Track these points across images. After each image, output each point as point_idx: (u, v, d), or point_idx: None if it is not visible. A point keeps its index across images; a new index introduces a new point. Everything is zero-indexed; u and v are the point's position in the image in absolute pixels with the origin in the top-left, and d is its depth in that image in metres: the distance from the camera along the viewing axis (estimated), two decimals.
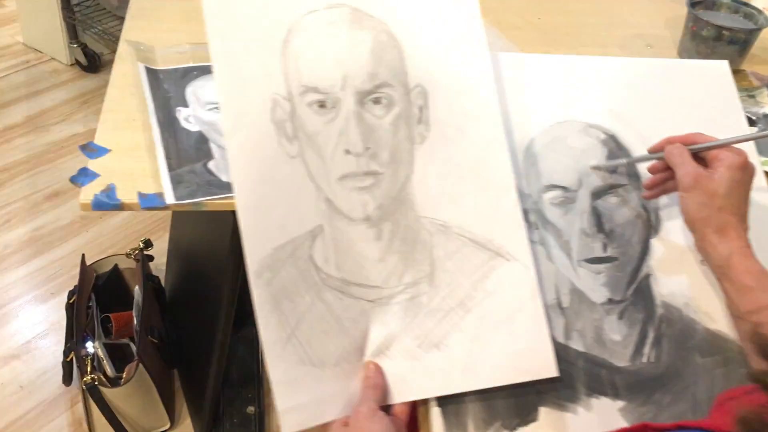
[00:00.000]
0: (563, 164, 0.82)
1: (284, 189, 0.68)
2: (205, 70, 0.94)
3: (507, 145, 0.74)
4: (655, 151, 0.76)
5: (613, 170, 0.82)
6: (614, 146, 0.84)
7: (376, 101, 0.72)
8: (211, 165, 0.82)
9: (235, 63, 0.69)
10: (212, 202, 0.78)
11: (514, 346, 0.69)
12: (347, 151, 0.70)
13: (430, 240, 0.72)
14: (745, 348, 0.69)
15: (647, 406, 0.72)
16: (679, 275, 0.78)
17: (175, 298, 1.55)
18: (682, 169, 0.70)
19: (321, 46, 0.71)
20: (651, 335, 0.75)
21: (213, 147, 0.84)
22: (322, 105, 0.70)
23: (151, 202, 0.76)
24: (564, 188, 0.81)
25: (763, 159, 0.86)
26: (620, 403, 0.72)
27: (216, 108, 0.88)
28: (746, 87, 0.96)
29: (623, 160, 0.80)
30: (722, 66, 0.92)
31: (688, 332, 0.76)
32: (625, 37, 1.20)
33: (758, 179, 0.76)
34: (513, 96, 0.81)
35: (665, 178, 0.76)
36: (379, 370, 0.68)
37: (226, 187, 0.79)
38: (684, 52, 1.13)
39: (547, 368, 0.69)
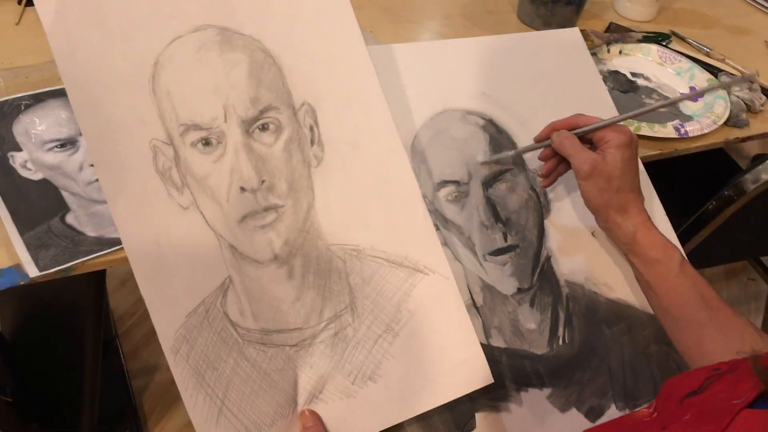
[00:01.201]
0: (451, 158, 0.81)
1: (184, 246, 0.60)
2: (31, 101, 0.80)
3: (406, 154, 0.71)
4: (542, 139, 0.76)
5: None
6: (494, 131, 0.84)
7: (264, 128, 0.65)
8: (70, 219, 0.70)
9: (102, 113, 0.58)
10: (84, 264, 0.67)
11: (448, 362, 0.68)
12: (242, 189, 0.63)
13: (345, 268, 0.67)
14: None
15: (571, 387, 0.75)
16: (575, 251, 0.81)
17: (20, 345, 1.36)
18: (578, 158, 0.70)
19: (193, 77, 0.62)
20: (562, 316, 0.77)
21: (66, 195, 0.72)
22: (206, 143, 0.62)
23: (10, 280, 0.63)
24: (456, 182, 0.79)
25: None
26: (547, 391, 0.74)
27: (58, 147, 0.75)
28: (589, 47, 0.99)
29: (511, 152, 0.80)
30: (574, 33, 0.94)
31: (593, 306, 0.79)
32: (465, 4, 1.19)
33: None
34: (389, 91, 0.77)
35: (557, 163, 0.76)
36: (315, 418, 0.64)
37: (95, 243, 0.68)
38: (525, 16, 1.16)
39: (483, 376, 0.69)
